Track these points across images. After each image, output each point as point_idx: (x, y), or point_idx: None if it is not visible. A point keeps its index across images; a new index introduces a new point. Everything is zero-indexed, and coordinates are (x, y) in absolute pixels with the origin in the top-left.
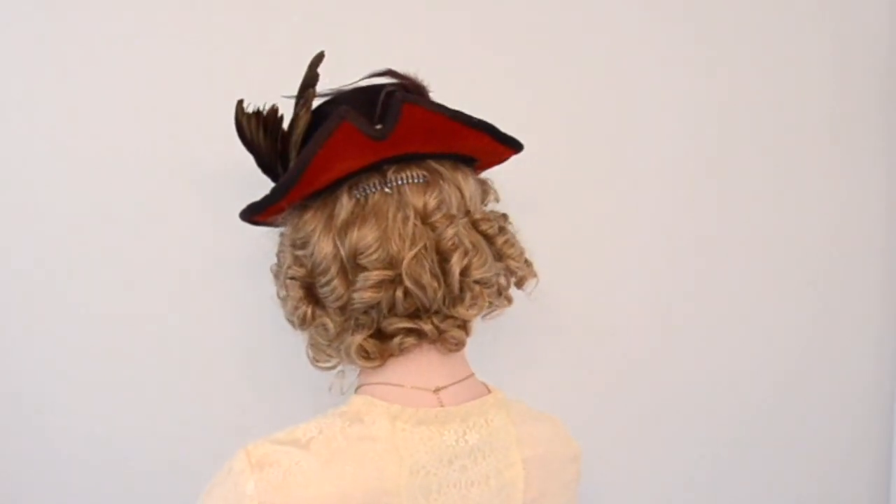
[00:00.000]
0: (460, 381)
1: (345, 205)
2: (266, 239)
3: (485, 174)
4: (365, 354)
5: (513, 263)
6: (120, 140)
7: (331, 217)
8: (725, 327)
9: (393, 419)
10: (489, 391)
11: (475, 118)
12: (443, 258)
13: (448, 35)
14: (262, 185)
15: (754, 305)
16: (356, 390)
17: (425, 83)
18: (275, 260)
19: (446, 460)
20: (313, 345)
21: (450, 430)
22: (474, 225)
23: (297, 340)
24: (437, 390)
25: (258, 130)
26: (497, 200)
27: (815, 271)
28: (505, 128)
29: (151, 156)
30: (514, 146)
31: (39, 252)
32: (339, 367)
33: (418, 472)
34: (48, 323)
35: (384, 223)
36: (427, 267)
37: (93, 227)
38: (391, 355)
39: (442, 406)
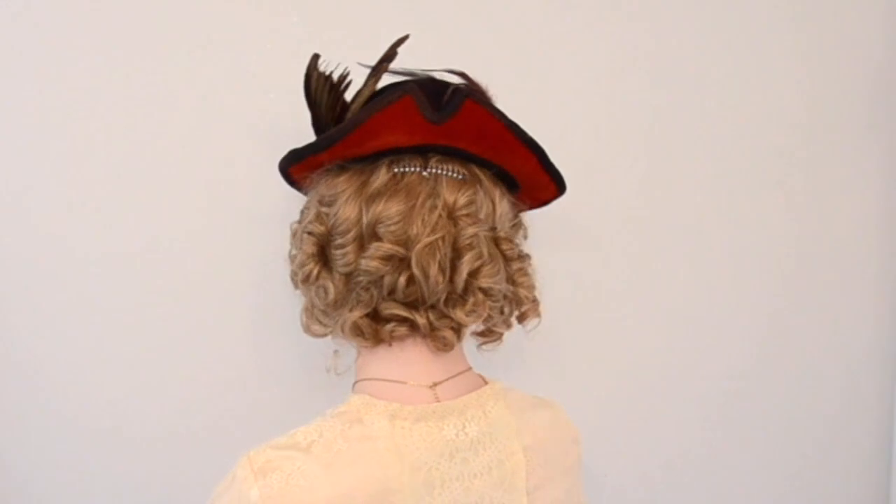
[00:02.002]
0: (456, 375)
1: (381, 176)
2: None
3: None
4: (359, 332)
5: (522, 291)
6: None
7: (364, 184)
8: (725, 327)
9: (392, 418)
10: (485, 383)
11: (529, 135)
12: (456, 254)
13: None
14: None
15: (755, 305)
16: (353, 387)
17: (491, 94)
18: (289, 250)
19: (447, 455)
20: (308, 309)
21: (449, 424)
22: (496, 241)
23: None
24: (433, 385)
25: (324, 89)
26: (525, 237)
27: (816, 272)
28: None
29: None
30: (557, 181)
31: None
32: (335, 348)
33: (420, 469)
34: (50, 317)
35: (412, 202)
36: (437, 258)
37: (95, 226)
38: (382, 341)
39: (438, 401)
